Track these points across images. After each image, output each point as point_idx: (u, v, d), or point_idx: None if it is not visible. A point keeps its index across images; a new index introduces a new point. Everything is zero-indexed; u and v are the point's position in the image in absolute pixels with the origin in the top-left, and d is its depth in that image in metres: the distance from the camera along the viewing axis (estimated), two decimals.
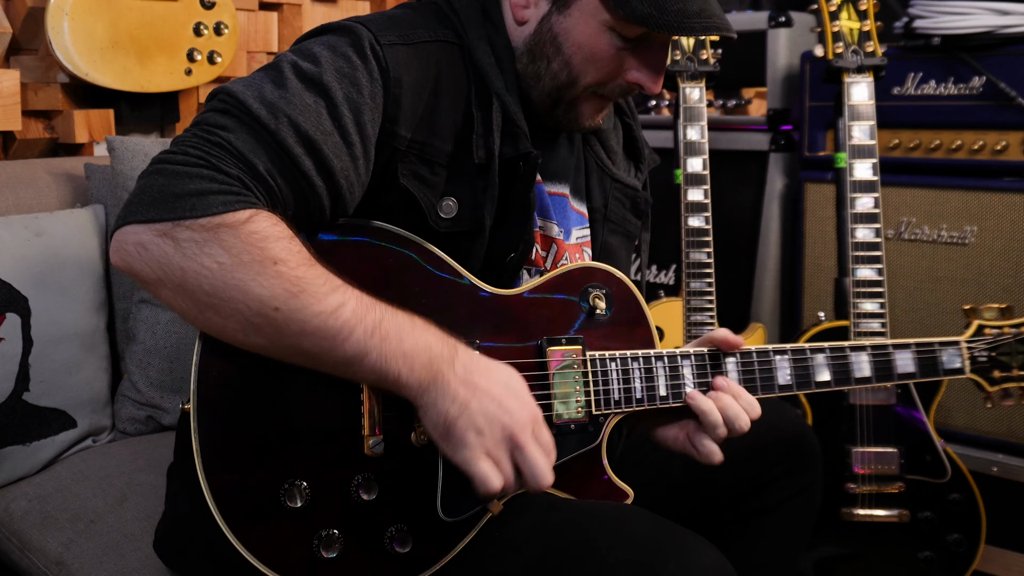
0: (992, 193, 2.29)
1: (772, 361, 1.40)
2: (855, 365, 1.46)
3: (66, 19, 1.99)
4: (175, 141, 1.13)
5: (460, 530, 1.21)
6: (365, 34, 1.24)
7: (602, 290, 1.34)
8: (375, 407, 1.17)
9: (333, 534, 1.15)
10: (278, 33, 2.64)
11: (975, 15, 2.25)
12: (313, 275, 1.09)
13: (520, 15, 1.33)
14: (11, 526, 1.61)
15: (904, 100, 2.42)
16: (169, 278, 1.08)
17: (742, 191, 2.79)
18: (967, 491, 2.12)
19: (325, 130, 1.16)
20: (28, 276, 1.71)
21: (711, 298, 2.32)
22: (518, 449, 1.13)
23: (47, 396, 1.73)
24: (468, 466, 1.12)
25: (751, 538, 1.56)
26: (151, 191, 1.08)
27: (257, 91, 1.15)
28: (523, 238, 1.34)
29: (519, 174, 1.31)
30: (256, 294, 1.06)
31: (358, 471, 1.17)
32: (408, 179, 1.25)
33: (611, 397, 1.31)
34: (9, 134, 2.13)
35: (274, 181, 1.12)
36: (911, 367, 1.51)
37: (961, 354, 1.56)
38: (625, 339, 1.35)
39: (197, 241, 1.05)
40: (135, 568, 1.46)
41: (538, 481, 1.13)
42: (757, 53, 2.73)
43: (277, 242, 1.08)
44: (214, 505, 1.11)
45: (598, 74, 1.31)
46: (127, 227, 1.09)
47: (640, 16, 1.22)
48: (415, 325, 1.15)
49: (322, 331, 1.08)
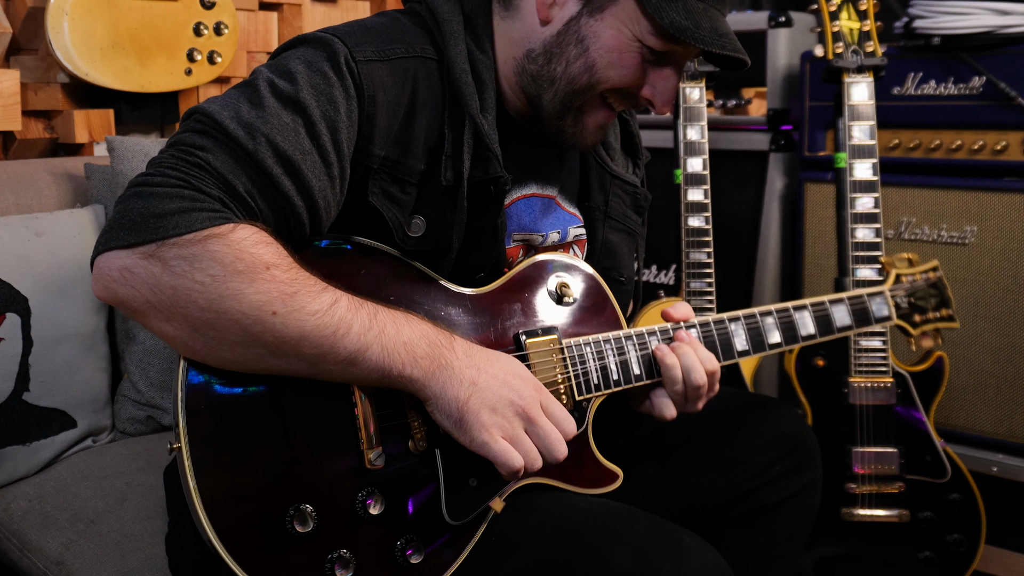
0: (992, 193, 2.29)
1: (727, 328, 1.48)
2: (800, 323, 1.56)
3: (66, 19, 1.99)
4: (152, 163, 1.11)
5: (468, 531, 1.21)
6: (341, 49, 1.21)
7: (566, 278, 1.38)
8: (370, 419, 1.16)
9: (345, 554, 1.12)
10: (278, 33, 2.64)
11: (975, 15, 2.25)
12: (304, 276, 1.09)
13: (545, 14, 1.31)
14: (11, 526, 1.61)
15: (904, 100, 2.42)
16: (159, 300, 1.05)
17: (742, 191, 2.79)
18: (967, 491, 2.12)
19: (304, 149, 1.14)
20: (28, 276, 1.71)
21: (711, 298, 2.32)
22: (531, 423, 1.15)
23: (47, 396, 1.73)
24: (487, 449, 1.13)
25: (751, 538, 1.56)
26: (131, 215, 1.05)
27: (234, 111, 1.13)
28: (490, 260, 1.33)
29: (490, 197, 1.30)
30: (253, 300, 1.05)
31: (362, 486, 1.15)
32: (377, 197, 1.24)
33: (591, 380, 1.34)
34: (9, 134, 2.13)
35: (254, 201, 1.11)
36: (847, 319, 1.62)
37: (887, 302, 1.69)
38: (594, 323, 1.39)
39: (186, 257, 1.04)
40: (135, 568, 1.46)
41: (553, 454, 1.16)
42: (757, 53, 2.73)
43: (267, 247, 1.07)
44: (222, 547, 1.07)
45: (619, 81, 1.30)
46: (109, 253, 1.06)
47: (678, 27, 1.23)
48: (408, 318, 1.15)
49: (320, 329, 1.08)
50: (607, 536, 1.17)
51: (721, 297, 2.38)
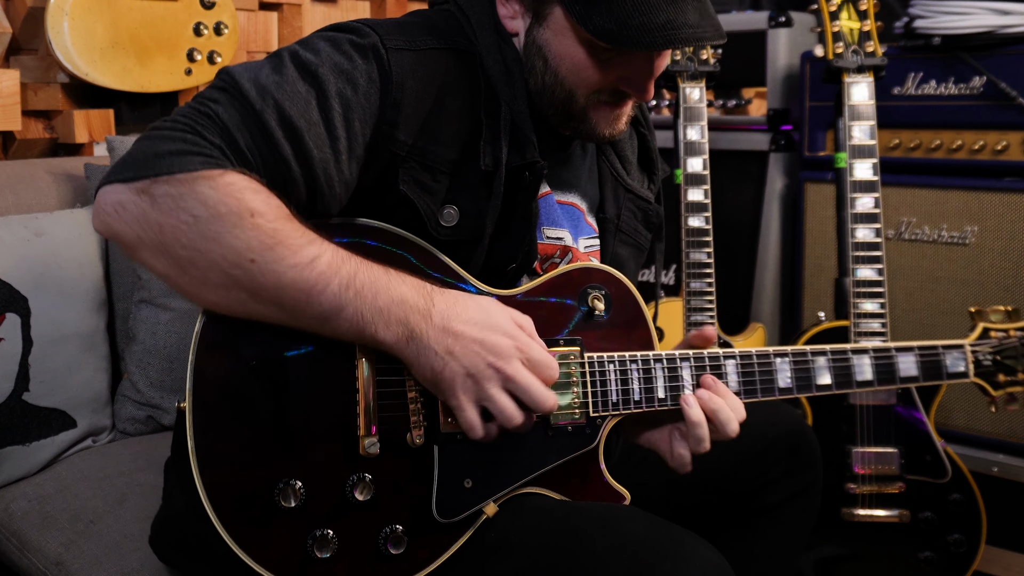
0: (992, 193, 2.29)
1: (772, 363, 1.39)
2: (857, 368, 1.45)
3: (66, 19, 1.99)
4: (172, 112, 1.16)
5: (455, 531, 1.21)
6: (372, 36, 1.24)
7: (601, 291, 1.33)
8: (371, 407, 1.17)
9: (327, 534, 1.15)
10: (278, 33, 2.64)
11: (975, 15, 2.25)
12: (290, 228, 1.10)
13: (510, 27, 1.33)
14: (11, 526, 1.61)
15: (904, 100, 2.42)
16: (148, 236, 1.09)
17: (742, 191, 2.79)
18: (968, 491, 2.12)
19: (311, 120, 1.17)
20: (28, 276, 1.71)
21: (711, 298, 2.32)
22: (509, 381, 1.15)
23: (47, 396, 1.73)
24: (458, 415, 1.16)
25: (751, 538, 1.56)
26: (135, 154, 1.11)
27: (254, 74, 1.17)
28: (523, 248, 1.33)
29: (524, 183, 1.31)
30: (232, 245, 1.07)
31: (353, 471, 1.17)
32: (408, 185, 1.25)
33: (608, 399, 1.30)
34: (9, 134, 2.13)
35: (252, 158, 1.14)
36: (914, 370, 1.49)
37: (965, 357, 1.53)
38: (623, 341, 1.34)
39: (173, 195, 1.07)
40: (135, 568, 1.46)
41: (539, 405, 1.16)
42: (757, 53, 2.73)
43: (256, 194, 1.09)
44: (209, 504, 1.11)
45: (588, 84, 1.28)
46: (107, 187, 1.11)
47: (602, 33, 1.20)
48: (390, 277, 1.14)
49: (298, 283, 1.09)
50: (607, 536, 1.17)
51: (721, 297, 2.38)
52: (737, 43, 2.70)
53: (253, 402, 1.15)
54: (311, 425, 1.17)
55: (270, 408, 1.15)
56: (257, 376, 1.15)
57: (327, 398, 1.17)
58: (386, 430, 1.18)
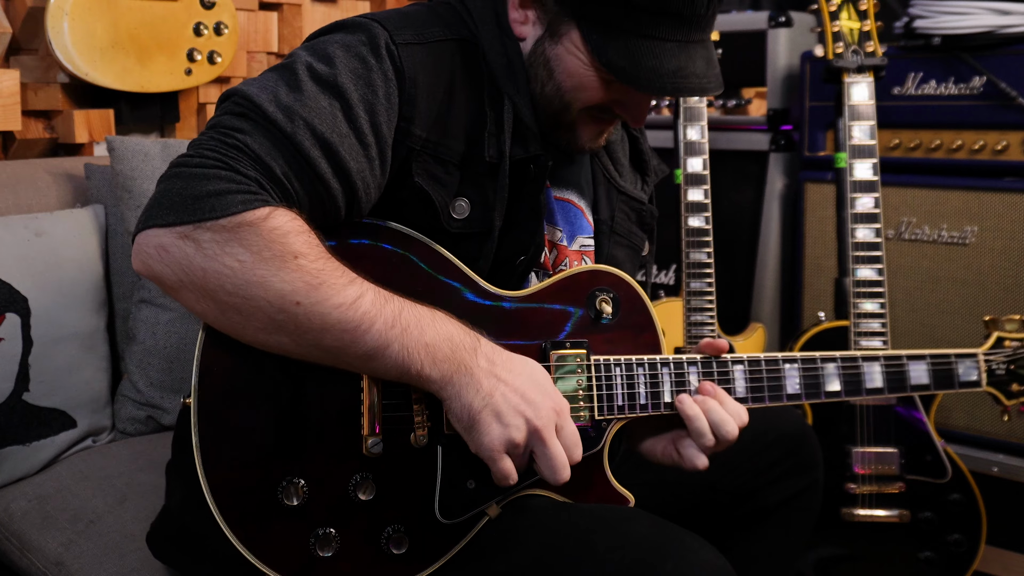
0: (992, 193, 2.29)
1: (781, 369, 1.39)
2: (867, 376, 1.44)
3: (66, 19, 1.99)
4: (192, 144, 1.13)
5: (457, 532, 1.21)
6: (381, 33, 1.23)
7: (609, 294, 1.32)
8: (375, 407, 1.17)
9: (330, 533, 1.15)
10: (278, 33, 2.64)
11: (975, 15, 2.25)
12: (331, 268, 1.10)
13: (519, 31, 1.33)
14: (11, 526, 1.61)
15: (904, 100, 2.42)
16: (191, 280, 1.08)
17: (742, 191, 2.79)
18: (967, 491, 2.12)
19: (341, 132, 1.16)
20: (28, 276, 1.71)
21: (711, 298, 2.32)
22: (540, 443, 1.15)
23: (47, 396, 1.73)
24: (490, 462, 1.15)
25: (751, 538, 1.56)
26: (170, 195, 1.08)
27: (272, 94, 1.15)
28: (534, 241, 1.33)
29: (529, 176, 1.31)
30: (277, 289, 1.07)
31: (356, 471, 1.17)
32: (423, 178, 1.25)
33: (615, 403, 1.30)
34: (9, 134, 2.13)
35: (290, 184, 1.12)
36: (925, 379, 1.49)
37: (978, 366, 1.53)
38: (631, 344, 1.33)
39: (218, 241, 1.06)
40: (135, 568, 1.46)
41: (555, 476, 1.16)
42: (757, 53, 2.73)
43: (297, 236, 1.09)
44: (212, 501, 1.12)
45: (587, 101, 1.30)
46: (148, 231, 1.09)
47: (615, 68, 1.23)
48: (435, 316, 1.15)
49: (342, 323, 1.09)
50: (609, 537, 1.17)
51: (721, 297, 2.38)
52: (737, 43, 2.71)
53: (259, 401, 1.15)
54: (315, 424, 1.17)
55: (274, 407, 1.16)
56: (262, 374, 1.15)
57: (331, 397, 1.17)
58: (390, 430, 1.18)
